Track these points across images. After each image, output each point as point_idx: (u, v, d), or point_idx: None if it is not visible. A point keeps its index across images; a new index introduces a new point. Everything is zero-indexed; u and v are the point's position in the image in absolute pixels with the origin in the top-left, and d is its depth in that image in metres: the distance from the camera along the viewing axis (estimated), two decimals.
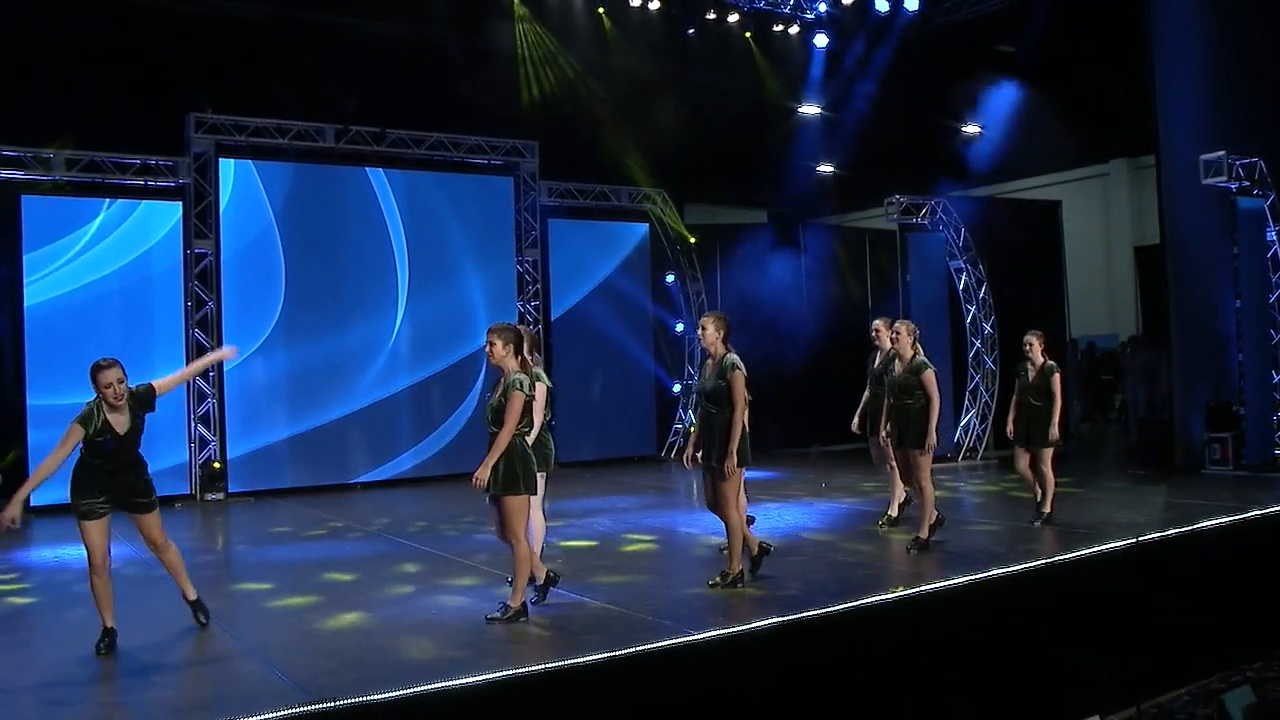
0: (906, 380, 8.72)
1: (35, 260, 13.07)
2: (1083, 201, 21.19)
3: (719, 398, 7.28)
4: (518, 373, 6.62)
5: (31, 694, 5.66)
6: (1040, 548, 8.57)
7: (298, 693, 5.30)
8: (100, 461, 6.23)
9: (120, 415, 6.25)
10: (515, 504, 6.63)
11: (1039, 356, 9.79)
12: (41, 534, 11.43)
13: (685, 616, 6.70)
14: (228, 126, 14.37)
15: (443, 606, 7.35)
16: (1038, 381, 9.70)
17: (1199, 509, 9.62)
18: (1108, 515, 10.04)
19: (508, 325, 6.80)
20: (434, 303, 15.50)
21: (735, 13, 16.84)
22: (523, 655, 5.90)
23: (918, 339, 8.88)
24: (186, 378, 11.13)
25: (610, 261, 17.27)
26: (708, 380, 7.40)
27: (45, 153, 13.22)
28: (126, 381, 6.25)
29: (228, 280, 14.19)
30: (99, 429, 6.17)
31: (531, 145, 16.54)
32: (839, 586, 7.32)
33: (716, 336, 7.36)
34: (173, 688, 5.83)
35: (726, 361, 7.31)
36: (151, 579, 7.86)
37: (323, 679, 5.55)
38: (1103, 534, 8.71)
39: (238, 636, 6.71)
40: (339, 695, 4.95)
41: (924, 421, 8.57)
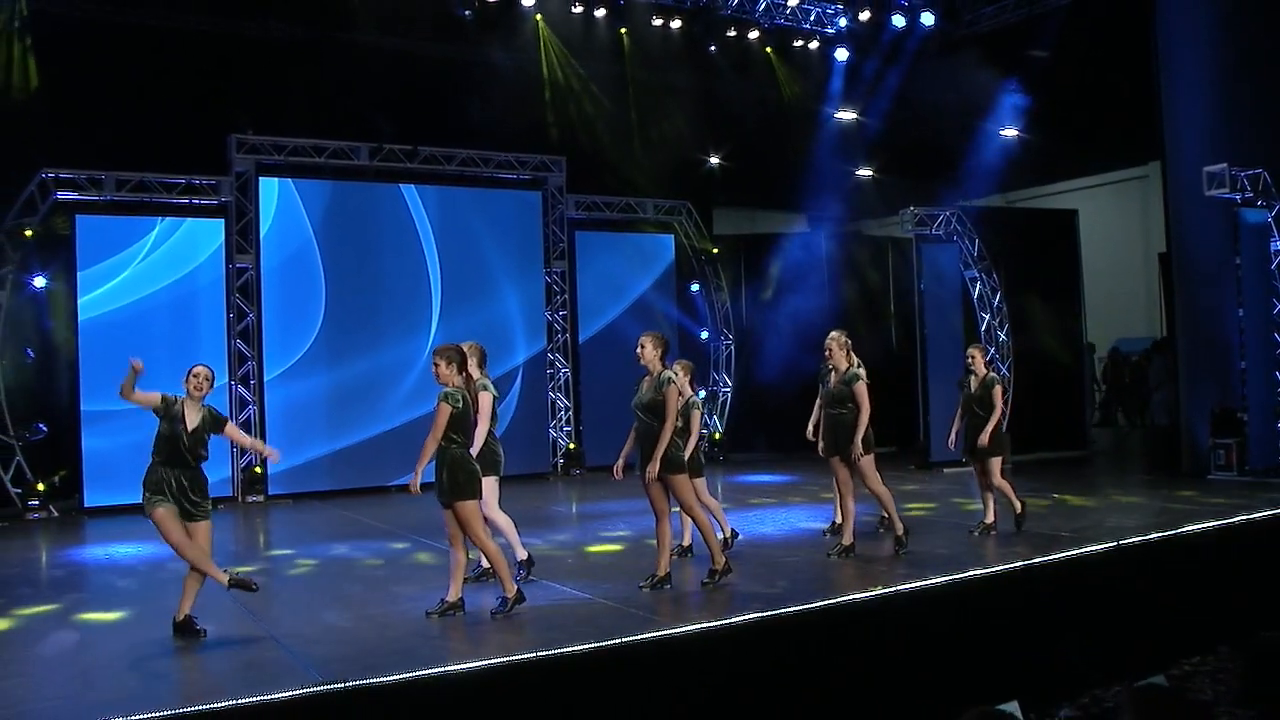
0: (840, 391, 8.94)
1: (89, 277, 13.84)
2: (1120, 204, 21.30)
3: (656, 410, 7.75)
4: (452, 387, 7.15)
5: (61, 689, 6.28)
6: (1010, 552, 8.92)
7: (314, 674, 5.88)
8: (163, 458, 6.87)
9: (194, 411, 6.93)
10: (468, 509, 7.16)
11: (981, 369, 9.94)
12: (95, 533, 12.18)
13: (676, 612, 7.24)
14: (267, 147, 15.10)
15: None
16: (979, 393, 9.87)
17: (1186, 514, 10.03)
18: (1098, 520, 10.39)
19: (451, 346, 7.36)
20: (467, 312, 16.10)
21: (755, 29, 17.30)
22: (519, 646, 6.43)
23: (850, 350, 9.06)
24: (244, 443, 11.79)
25: (636, 272, 17.82)
26: (644, 395, 7.84)
27: (98, 174, 14.01)
28: (213, 384, 7.08)
29: (268, 293, 14.91)
30: (174, 413, 6.88)
31: (559, 160, 17.14)
32: (822, 584, 7.83)
33: (654, 354, 7.87)
34: (198, 670, 6.45)
35: (663, 377, 7.79)
36: None
37: (337, 664, 6.13)
38: (1086, 539, 9.10)
39: (269, 626, 7.33)
40: (349, 677, 5.58)
41: (855, 431, 8.80)
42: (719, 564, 7.98)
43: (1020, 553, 8.74)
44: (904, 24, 17.29)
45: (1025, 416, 15.80)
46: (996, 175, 21.27)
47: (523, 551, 8.39)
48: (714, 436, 18.33)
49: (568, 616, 7.24)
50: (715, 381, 18.62)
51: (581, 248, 17.43)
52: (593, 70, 17.48)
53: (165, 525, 6.86)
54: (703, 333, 18.66)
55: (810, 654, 6.63)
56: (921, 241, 15.58)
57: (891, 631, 6.86)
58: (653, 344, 7.93)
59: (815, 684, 6.35)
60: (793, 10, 17.22)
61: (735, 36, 17.41)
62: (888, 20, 17.24)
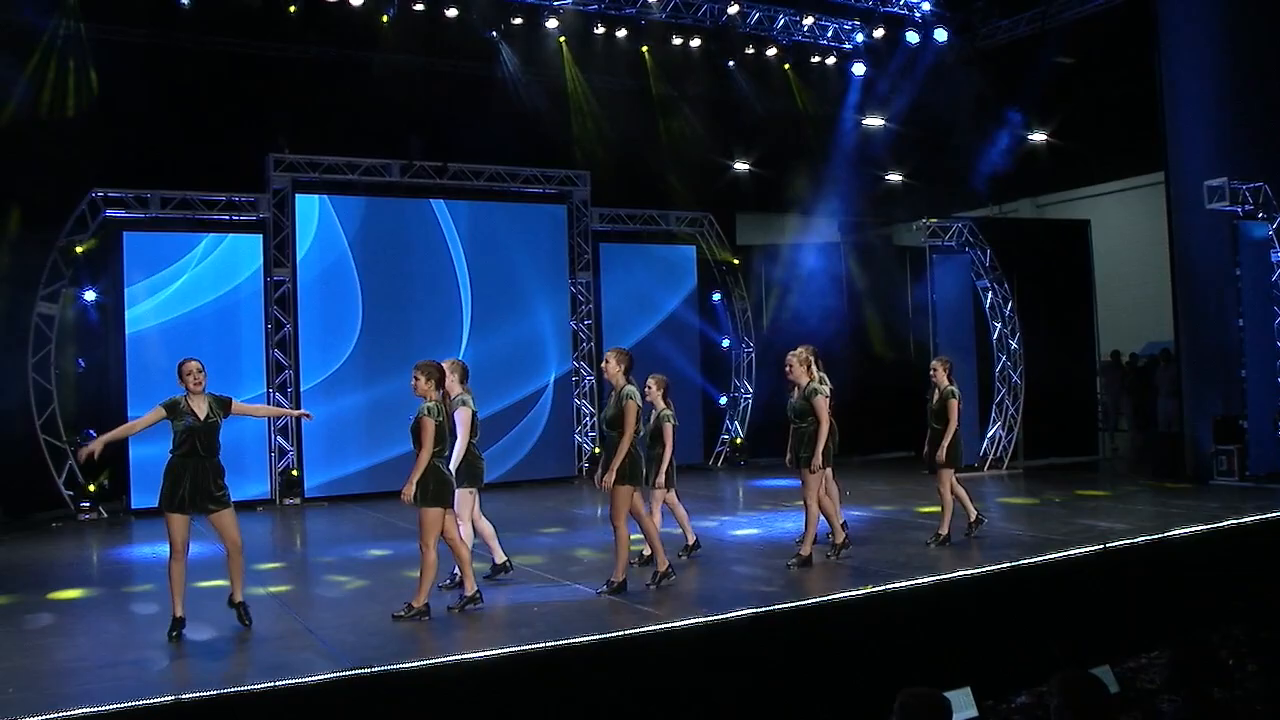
0: (801, 405, 9.27)
1: (136, 290, 14.59)
2: (1146, 209, 21.47)
3: (615, 423, 8.20)
4: (431, 402, 7.68)
5: (109, 668, 6.89)
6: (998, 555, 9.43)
7: (342, 661, 6.48)
8: (183, 451, 7.40)
9: (199, 402, 7.49)
10: (431, 515, 7.65)
11: (943, 381, 10.12)
12: (142, 533, 12.89)
13: (676, 607, 7.80)
14: (303, 165, 15.78)
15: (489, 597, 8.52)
16: (937, 406, 10.06)
17: (1178, 517, 10.47)
18: (1089, 524, 10.79)
19: (431, 362, 7.86)
20: (499, 326, 16.76)
21: (774, 46, 17.80)
22: (528, 636, 7.00)
23: (811, 365, 9.35)
24: (261, 413, 12.47)
25: (659, 282, 18.37)
26: (610, 408, 8.25)
27: (144, 193, 14.74)
28: (205, 374, 7.57)
29: (306, 306, 15.59)
30: (182, 410, 7.44)
31: (584, 174, 17.73)
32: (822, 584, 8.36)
33: (618, 369, 8.25)
34: (231, 657, 7.05)
35: (625, 391, 8.20)
36: None
37: (363, 652, 6.73)
38: (1071, 543, 9.56)
39: (304, 618, 7.95)
40: (375, 663, 6.19)
41: (815, 443, 9.13)
42: (620, 578, 8.36)
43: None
44: (918, 40, 17.67)
45: (1036, 423, 16.22)
46: (1022, 181, 21.64)
47: (501, 556, 8.95)
48: (735, 442, 18.85)
49: (578, 611, 7.81)
50: (736, 388, 19.14)
51: (606, 259, 18.00)
52: (615, 86, 18.00)
53: (172, 528, 7.40)
54: (724, 340, 19.17)
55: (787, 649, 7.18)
56: (934, 252, 16.01)
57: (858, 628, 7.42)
58: (616, 360, 8.31)
59: (789, 675, 6.91)
60: (810, 27, 17.69)
61: (754, 54, 17.89)
62: (902, 37, 17.67)
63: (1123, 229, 19.99)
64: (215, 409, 7.56)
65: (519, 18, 16.09)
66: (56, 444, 14.19)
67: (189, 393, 7.52)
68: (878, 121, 19.84)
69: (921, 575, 8.34)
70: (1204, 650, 4.97)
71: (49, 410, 14.19)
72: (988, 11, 18.44)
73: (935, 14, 17.95)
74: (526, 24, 16.29)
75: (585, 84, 17.72)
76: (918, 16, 17.82)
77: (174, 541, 7.40)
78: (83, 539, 12.90)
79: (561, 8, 16.14)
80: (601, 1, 16.33)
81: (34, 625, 8.23)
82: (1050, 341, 16.46)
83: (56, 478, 14.16)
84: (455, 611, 7.83)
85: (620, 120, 17.79)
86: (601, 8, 16.36)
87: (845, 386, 17.71)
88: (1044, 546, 9.38)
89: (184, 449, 7.44)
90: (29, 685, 6.37)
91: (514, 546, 10.71)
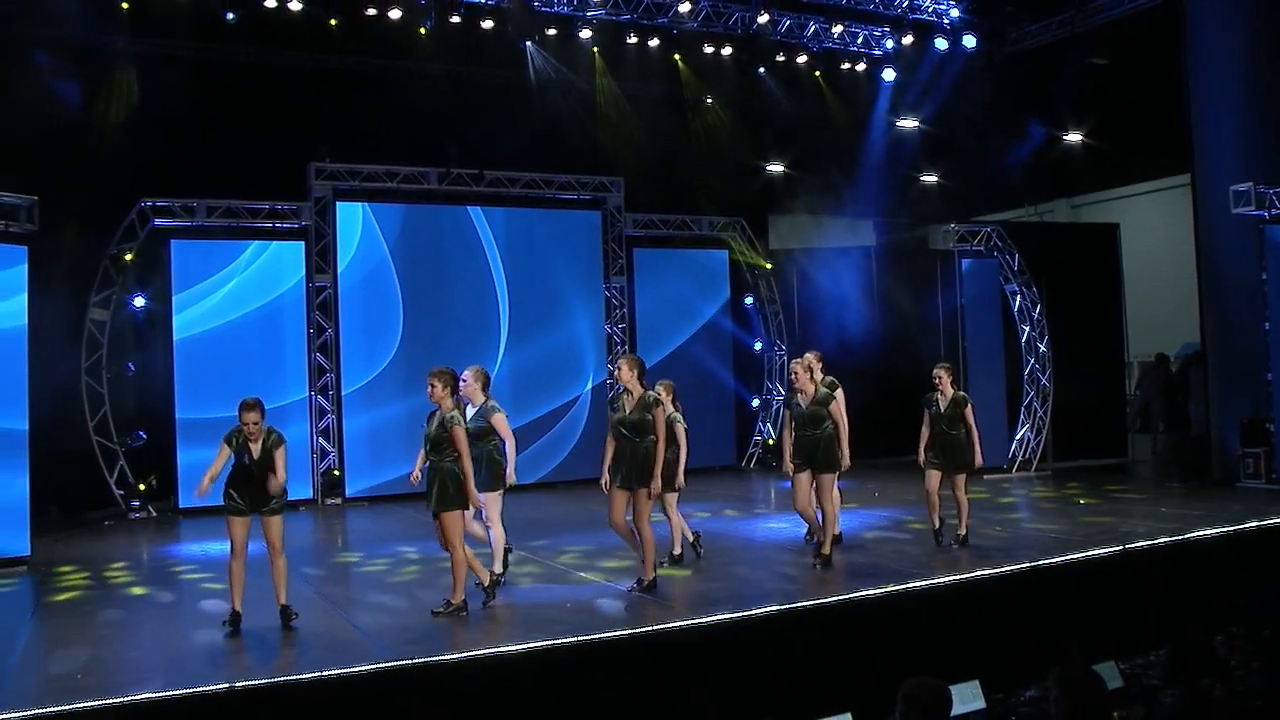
0: (815, 412, 9.50)
1: (184, 296, 15.06)
2: (1182, 209, 21.40)
3: (643, 428, 8.46)
4: (453, 410, 8.07)
5: (169, 657, 7.30)
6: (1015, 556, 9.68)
7: (384, 653, 6.85)
8: (243, 474, 7.89)
9: (255, 445, 7.89)
10: (452, 519, 8.09)
11: (949, 388, 10.31)
12: (189, 532, 13.35)
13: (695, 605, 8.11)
14: (343, 173, 16.20)
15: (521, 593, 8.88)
16: (950, 411, 10.24)
17: (1200, 520, 10.66)
18: (1112, 525, 11.01)
19: (447, 369, 8.20)
20: (536, 334, 17.13)
21: (804, 53, 18.05)
22: (560, 631, 7.34)
23: (815, 371, 9.64)
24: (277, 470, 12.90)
25: (692, 286, 18.66)
26: (632, 413, 8.47)
27: (190, 202, 15.22)
28: (263, 422, 7.90)
29: (349, 311, 16.03)
30: (239, 447, 7.86)
31: (617, 181, 18.06)
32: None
33: (631, 375, 8.52)
34: (280, 649, 7.43)
35: (650, 398, 8.54)
36: None
37: (403, 646, 7.09)
38: (1092, 543, 9.79)
39: (346, 613, 8.33)
40: (414, 655, 6.55)
41: (834, 447, 9.46)
42: (650, 576, 8.69)
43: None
44: (946, 46, 17.86)
45: (1065, 425, 16.39)
46: (1057, 181, 21.72)
47: (499, 567, 9.19)
48: (768, 443, 19.10)
49: (609, 608, 8.15)
50: (769, 390, 19.40)
51: (639, 264, 18.33)
52: (647, 92, 18.28)
53: (233, 528, 7.87)
54: (756, 344, 19.44)
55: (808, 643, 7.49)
56: (963, 256, 16.20)
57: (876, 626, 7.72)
58: (628, 366, 8.59)
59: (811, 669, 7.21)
60: (840, 34, 17.92)
61: (784, 60, 18.14)
62: (931, 44, 17.86)
63: (1158, 229, 20.04)
64: (268, 448, 7.89)
65: (553, 28, 16.41)
66: (108, 445, 14.69)
67: (249, 438, 7.86)
68: (911, 123, 20.00)
69: (942, 575, 8.61)
70: (1201, 646, 5.23)
71: (101, 412, 14.70)
72: (1017, 17, 18.58)
73: (964, 20, 18.10)
74: (560, 34, 16.61)
75: (618, 91, 18.02)
76: (946, 23, 17.99)
77: (234, 541, 7.84)
78: (135, 536, 13.39)
79: (595, 18, 16.47)
80: (634, 11, 16.63)
81: (97, 617, 8.68)
82: (1079, 344, 16.60)
83: (108, 477, 14.67)
84: (439, 615, 8.11)
85: (653, 126, 18.06)
86: (634, 17, 16.66)
87: (873, 389, 18.03)
88: (1065, 547, 9.62)
89: (238, 480, 7.92)
90: (95, 672, 6.79)
91: (549, 545, 11.11)
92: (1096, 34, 18.02)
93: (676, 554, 9.98)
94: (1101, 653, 6.37)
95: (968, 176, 21.21)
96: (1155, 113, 18.67)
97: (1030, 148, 20.26)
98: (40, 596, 9.67)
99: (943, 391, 10.32)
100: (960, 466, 10.24)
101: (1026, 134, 19.98)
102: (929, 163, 21.62)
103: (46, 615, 8.87)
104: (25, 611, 9.22)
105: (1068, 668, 4.64)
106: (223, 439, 7.93)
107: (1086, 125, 20.21)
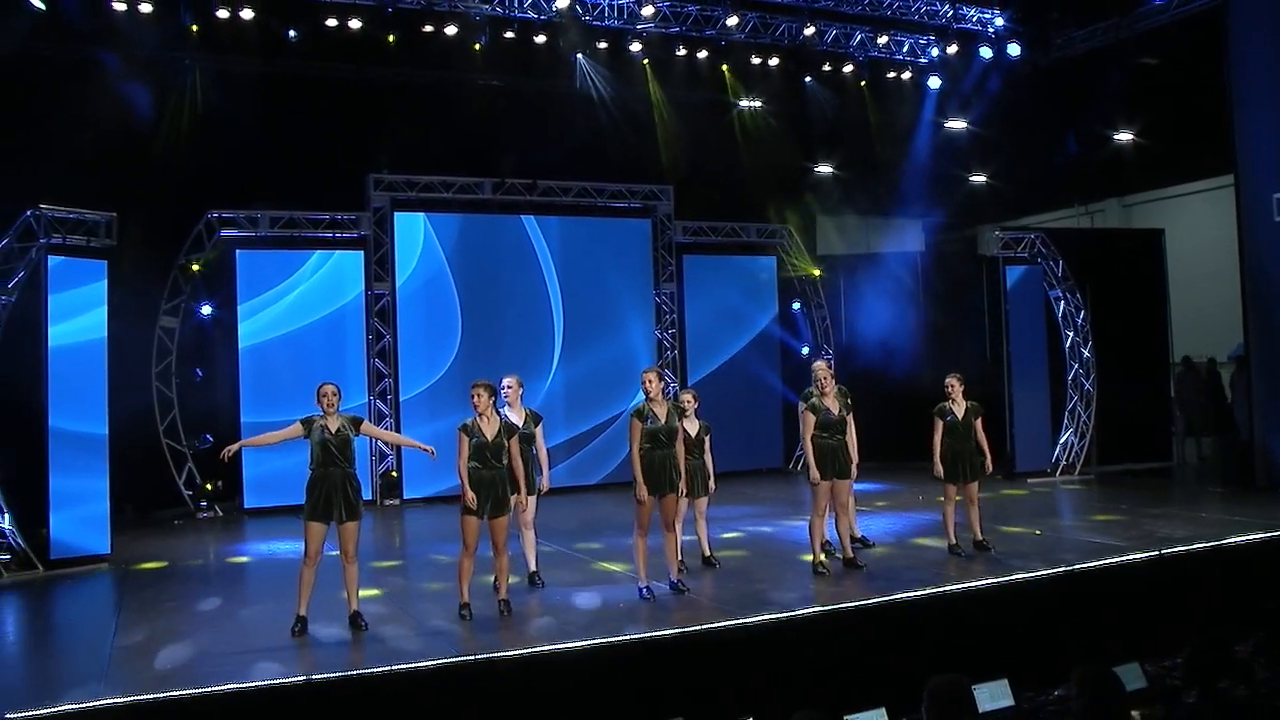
0: (843, 419, 9.79)
1: (249, 304, 15.71)
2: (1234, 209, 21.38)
3: (675, 436, 8.92)
4: (506, 420, 8.70)
5: (245, 653, 7.78)
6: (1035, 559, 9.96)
7: (449, 650, 7.30)
8: (319, 462, 8.17)
9: (332, 420, 8.26)
10: (507, 520, 8.68)
11: (961, 398, 10.47)
12: (255, 532, 13.93)
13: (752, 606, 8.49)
14: (401, 184, 16.74)
15: (566, 594, 9.31)
16: (966, 420, 10.43)
17: (1239, 525, 10.87)
18: (1150, 529, 11.22)
19: (486, 381, 8.62)
20: (591, 344, 17.61)
21: (850, 63, 18.33)
22: (611, 630, 7.75)
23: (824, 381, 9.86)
24: (387, 438, 13.44)
25: (740, 292, 19.06)
26: (665, 423, 8.85)
27: (255, 213, 15.83)
28: (340, 397, 8.35)
29: (408, 318, 16.58)
30: (317, 426, 8.21)
31: (667, 189, 18.46)
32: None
33: (659, 387, 8.96)
34: (348, 645, 7.88)
35: (678, 407, 9.13)
36: None
37: (466, 642, 7.54)
38: (1130, 548, 10.06)
39: (406, 610, 8.80)
40: (476, 652, 6.99)
41: (854, 451, 9.88)
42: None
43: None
44: (990, 55, 18.06)
45: (1110, 429, 16.55)
46: (1108, 181, 21.73)
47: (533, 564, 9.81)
48: None
49: (659, 608, 8.55)
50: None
51: (689, 270, 18.73)
52: (695, 100, 18.65)
53: (309, 535, 8.22)
54: (804, 348, 19.74)
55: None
56: (1007, 264, 16.41)
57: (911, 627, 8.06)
58: (657, 376, 9.04)
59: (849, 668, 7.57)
60: (886, 44, 18.18)
61: (831, 70, 18.44)
62: (976, 53, 18.07)
63: (1211, 228, 19.96)
64: (347, 425, 8.31)
65: (604, 41, 16.83)
66: (177, 447, 15.37)
67: (324, 413, 8.26)
68: (959, 124, 20.17)
69: (975, 579, 8.95)
70: (1220, 647, 5.52)
71: (170, 416, 15.38)
72: (1062, 23, 18.72)
73: (1009, 29, 18.28)
74: (611, 47, 17.03)
75: (667, 101, 18.39)
76: (991, 32, 18.19)
77: (309, 547, 8.21)
78: (204, 535, 13.99)
79: (645, 31, 16.87)
80: (683, 24, 17.00)
81: (180, 612, 9.23)
82: (1124, 348, 16.74)
83: (177, 478, 15.31)
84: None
85: (701, 135, 18.41)
86: (683, 30, 17.04)
87: (917, 394, 18.23)
88: (1102, 551, 9.90)
89: (320, 460, 8.20)
90: (180, 667, 7.29)
91: (604, 548, 11.54)
92: (1142, 40, 18.11)
93: (708, 555, 10.36)
94: (1131, 654, 6.64)
95: (1016, 177, 21.33)
96: (1206, 112, 18.77)
97: (1079, 150, 20.32)
98: (124, 592, 10.24)
99: (955, 400, 10.48)
100: (975, 474, 10.46)
101: (1073, 137, 20.08)
102: (978, 163, 21.75)
103: (131, 609, 9.39)
104: (112, 606, 9.82)
105: (1088, 669, 4.95)
106: (299, 420, 8.28)
107: (1137, 125, 20.25)
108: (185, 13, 14.61)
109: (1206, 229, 19.89)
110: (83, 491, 11.39)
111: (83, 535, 11.42)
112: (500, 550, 8.62)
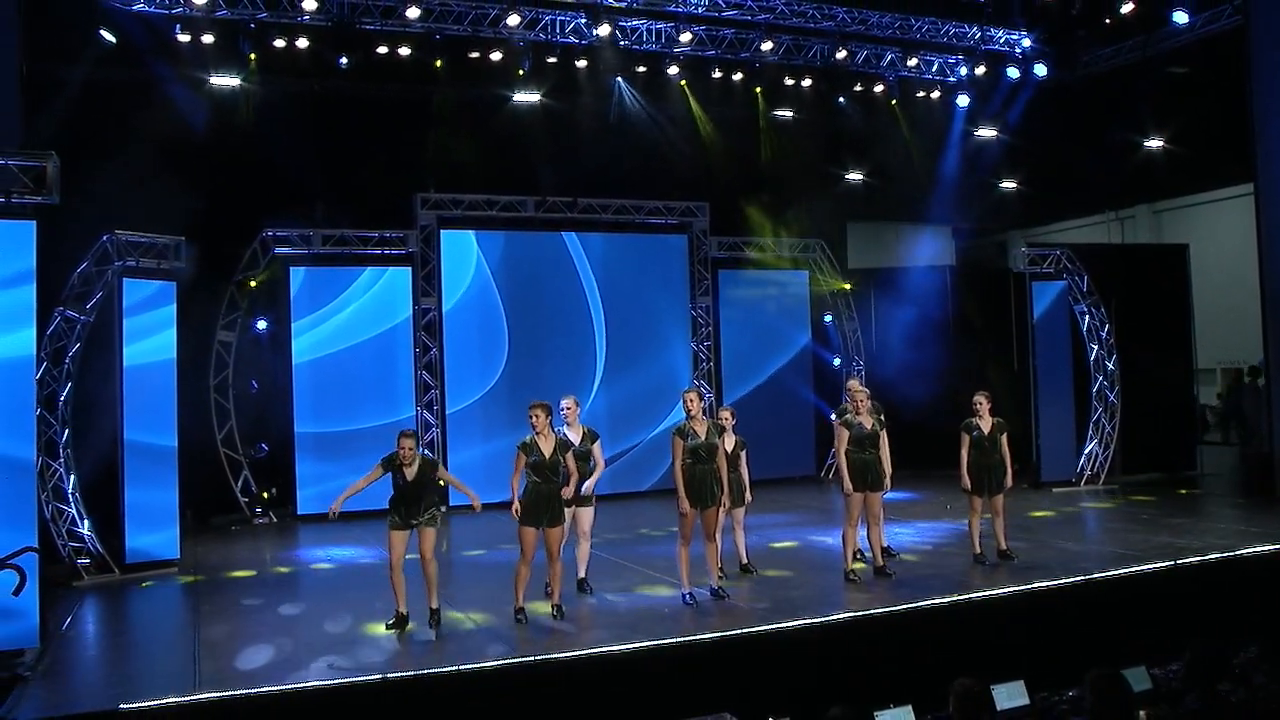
0: (876, 434, 10.30)
1: (302, 319, 16.38)
2: None
3: (716, 452, 9.54)
4: (563, 437, 9.31)
5: (330, 651, 8.42)
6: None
7: (505, 650, 7.92)
8: (400, 494, 8.91)
9: (410, 468, 8.89)
10: (562, 532, 9.34)
11: (988, 415, 10.95)
12: (310, 537, 14.61)
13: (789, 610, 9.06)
14: (447, 202, 17.40)
15: (614, 599, 9.90)
16: (993, 435, 10.90)
17: (1254, 536, 11.33)
18: (1167, 540, 11.67)
19: (543, 403, 9.20)
20: (630, 347, 18.21)
21: (880, 83, 18.87)
22: (658, 633, 8.33)
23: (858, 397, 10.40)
24: (453, 483, 14.10)
25: (774, 305, 19.64)
26: (707, 438, 9.45)
27: (307, 231, 16.53)
28: (417, 449, 8.97)
29: (455, 332, 17.22)
30: (396, 470, 8.87)
31: (703, 205, 19.04)
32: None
33: (699, 405, 9.56)
34: (426, 645, 8.53)
35: (716, 424, 9.80)
36: None
37: (522, 644, 8.15)
38: (1146, 558, 10.55)
39: (468, 612, 9.43)
40: (531, 653, 7.60)
41: (888, 466, 10.38)
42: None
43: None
44: (1018, 75, 18.55)
45: (1134, 440, 16.99)
46: (1138, 188, 22.06)
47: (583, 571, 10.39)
48: None
49: (700, 612, 9.13)
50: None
51: (724, 284, 19.31)
52: (730, 117, 19.25)
53: (392, 541, 8.91)
54: (835, 360, 20.26)
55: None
56: (1034, 279, 16.89)
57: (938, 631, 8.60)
58: (697, 395, 9.68)
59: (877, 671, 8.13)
60: (915, 65, 18.71)
61: (861, 90, 18.99)
62: (1003, 72, 18.57)
63: (1241, 234, 20.23)
64: (425, 470, 8.95)
65: (642, 65, 17.46)
66: (234, 456, 16.06)
67: (403, 462, 8.85)
68: (989, 132, 20.61)
69: (999, 586, 9.49)
70: (1217, 653, 6.04)
71: (228, 426, 16.08)
72: (1089, 41, 19.16)
73: (1036, 50, 18.77)
74: (649, 70, 17.65)
75: (703, 120, 18.97)
76: (1019, 53, 18.67)
77: (394, 553, 8.91)
78: (262, 540, 14.66)
79: (682, 54, 17.47)
80: (719, 48, 17.60)
81: (252, 613, 9.92)
82: (1148, 361, 17.11)
83: (234, 486, 16.02)
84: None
85: (735, 152, 19.01)
86: (718, 53, 17.64)
87: (948, 406, 18.65)
88: (1119, 561, 10.40)
89: (398, 500, 8.92)
90: (271, 662, 7.94)
91: (651, 553, 12.12)
92: (1168, 58, 18.53)
93: (745, 563, 10.96)
94: (1139, 658, 7.14)
95: (1046, 185, 21.73)
96: (1235, 121, 19.10)
97: (1109, 158, 20.66)
98: (196, 595, 10.94)
99: (982, 417, 10.98)
100: (1000, 487, 10.95)
101: (1104, 147, 20.44)
102: (1007, 170, 22.18)
103: (207, 611, 10.08)
104: (188, 608, 10.52)
105: (1098, 672, 5.50)
106: (379, 462, 8.88)
107: (1167, 133, 20.60)
108: (245, 42, 15.37)
109: (1238, 235, 20.19)
110: (154, 500, 12.10)
111: (154, 541, 12.14)
112: (554, 558, 9.20)
